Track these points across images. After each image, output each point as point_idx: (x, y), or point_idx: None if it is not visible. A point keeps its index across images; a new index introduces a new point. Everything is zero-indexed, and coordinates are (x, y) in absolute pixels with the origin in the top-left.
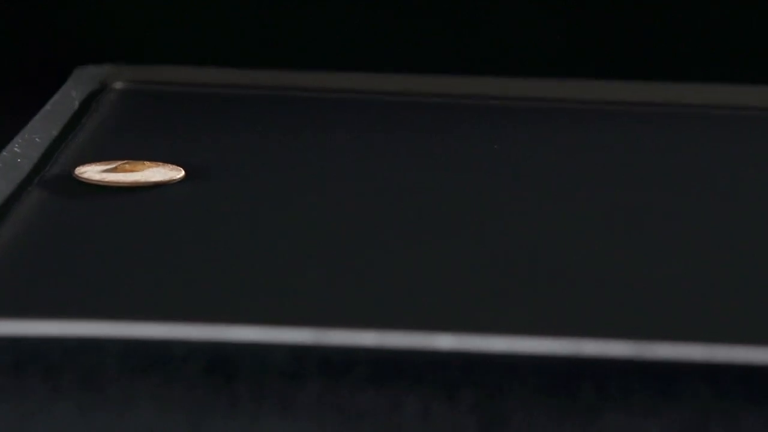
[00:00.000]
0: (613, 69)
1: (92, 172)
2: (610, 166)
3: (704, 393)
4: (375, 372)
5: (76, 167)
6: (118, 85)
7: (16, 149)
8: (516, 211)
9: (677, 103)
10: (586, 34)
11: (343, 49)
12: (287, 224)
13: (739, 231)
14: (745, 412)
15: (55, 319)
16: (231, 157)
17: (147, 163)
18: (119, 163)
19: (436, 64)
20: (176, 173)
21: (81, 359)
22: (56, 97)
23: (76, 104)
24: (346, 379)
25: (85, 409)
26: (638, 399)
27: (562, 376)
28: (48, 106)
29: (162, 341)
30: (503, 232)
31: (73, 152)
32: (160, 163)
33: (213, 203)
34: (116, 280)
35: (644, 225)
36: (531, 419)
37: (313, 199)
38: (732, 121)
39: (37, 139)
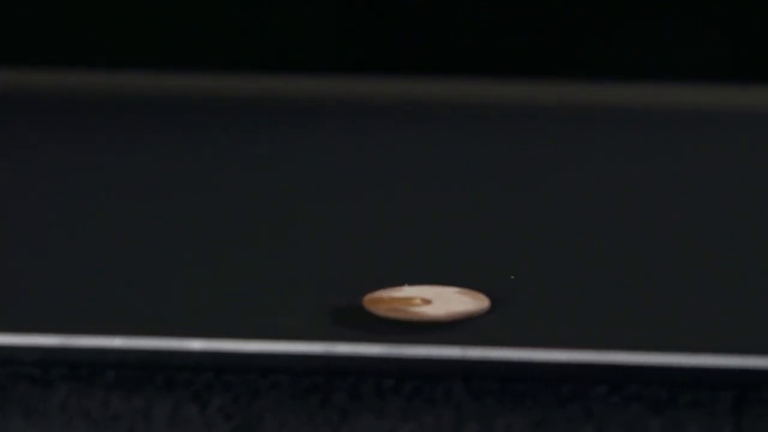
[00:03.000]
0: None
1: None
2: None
3: (458, 394)
4: (124, 376)
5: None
6: None
7: None
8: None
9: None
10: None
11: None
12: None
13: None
14: (499, 412)
15: None
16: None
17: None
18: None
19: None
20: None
21: None
22: None
23: None
24: (94, 384)
25: None
26: (391, 401)
27: (314, 379)
28: None
29: None
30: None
31: None
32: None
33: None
34: None
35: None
36: (282, 423)
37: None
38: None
39: None
